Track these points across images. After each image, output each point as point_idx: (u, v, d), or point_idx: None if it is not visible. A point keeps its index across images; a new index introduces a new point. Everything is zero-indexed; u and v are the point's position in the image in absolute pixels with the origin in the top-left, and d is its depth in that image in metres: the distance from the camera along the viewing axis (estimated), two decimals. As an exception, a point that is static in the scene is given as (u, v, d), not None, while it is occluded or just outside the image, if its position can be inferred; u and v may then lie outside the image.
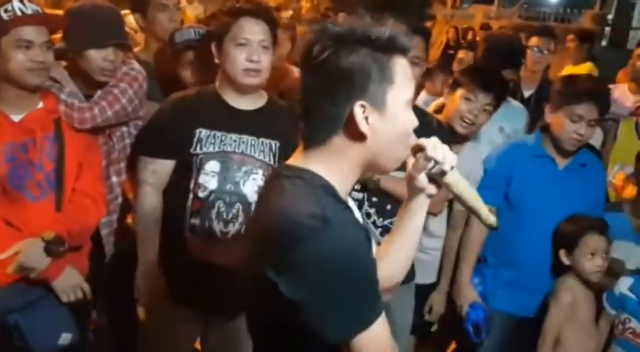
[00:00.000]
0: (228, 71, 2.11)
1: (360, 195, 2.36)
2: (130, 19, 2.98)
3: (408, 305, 2.48)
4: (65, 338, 2.01)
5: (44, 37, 1.94)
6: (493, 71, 2.71)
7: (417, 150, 1.30)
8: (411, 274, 2.46)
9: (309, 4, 9.14)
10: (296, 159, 1.25)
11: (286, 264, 1.11)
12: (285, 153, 2.19)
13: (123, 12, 2.56)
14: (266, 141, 2.16)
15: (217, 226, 2.11)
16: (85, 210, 2.09)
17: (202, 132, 2.11)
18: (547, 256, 2.54)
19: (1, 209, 1.95)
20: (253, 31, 2.08)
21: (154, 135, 2.19)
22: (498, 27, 8.73)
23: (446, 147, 1.31)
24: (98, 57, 2.14)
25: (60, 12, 2.24)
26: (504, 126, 2.91)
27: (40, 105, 2.04)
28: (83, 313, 2.16)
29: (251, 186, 2.13)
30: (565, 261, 2.47)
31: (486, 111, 2.52)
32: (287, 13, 8.40)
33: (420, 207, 1.38)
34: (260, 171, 2.14)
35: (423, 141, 1.29)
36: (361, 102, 1.16)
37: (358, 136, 1.18)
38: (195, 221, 2.11)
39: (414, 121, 1.24)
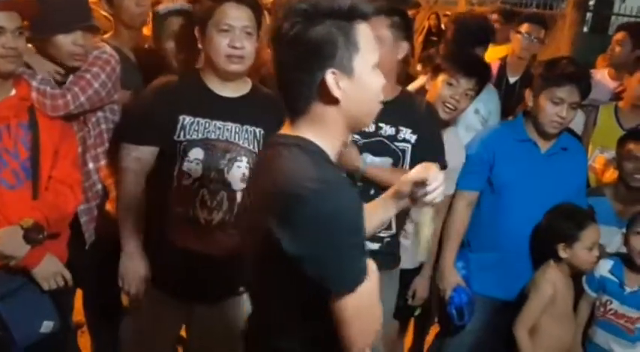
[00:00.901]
0: (211, 57, 2.08)
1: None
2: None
3: (392, 290, 2.48)
4: (47, 326, 2.00)
5: (16, 23, 1.90)
6: (475, 56, 2.70)
7: (421, 183, 1.47)
8: (396, 259, 2.48)
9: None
10: (286, 130, 1.34)
11: (291, 223, 1.20)
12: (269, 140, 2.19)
13: None
14: (250, 128, 2.15)
15: (201, 214, 2.09)
16: (62, 198, 2.06)
17: (186, 119, 2.08)
18: (528, 240, 2.55)
19: (-24, 197, 1.92)
20: (236, 16, 2.04)
21: (136, 122, 2.15)
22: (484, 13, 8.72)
23: (441, 187, 1.48)
24: (67, 42, 2.09)
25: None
26: (479, 108, 2.91)
27: (13, 92, 2.00)
28: (65, 300, 2.15)
29: (235, 173, 2.11)
30: (563, 254, 2.45)
31: (468, 96, 2.53)
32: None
33: (391, 212, 1.59)
34: (244, 159, 2.13)
35: (431, 177, 1.47)
36: (331, 69, 1.25)
37: (333, 101, 1.27)
38: (179, 208, 2.09)
39: (381, 80, 1.33)
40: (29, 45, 2.12)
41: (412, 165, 2.30)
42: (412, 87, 2.89)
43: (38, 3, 2.07)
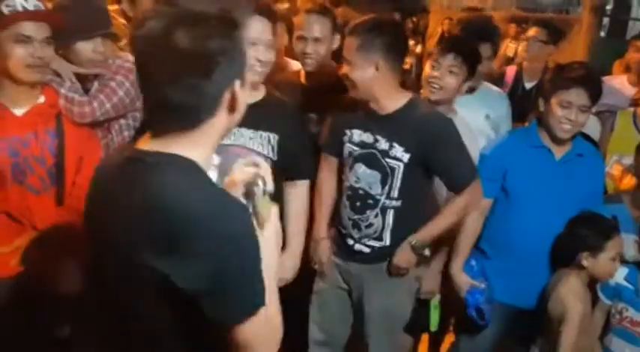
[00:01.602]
0: None
1: (344, 185, 2.46)
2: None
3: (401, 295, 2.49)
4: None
5: (44, 33, 1.94)
6: (457, 36, 2.70)
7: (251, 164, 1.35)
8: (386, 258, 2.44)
9: (306, -2, 9.12)
10: (155, 145, 1.20)
11: (182, 253, 1.09)
12: (283, 145, 2.21)
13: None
14: (265, 133, 2.18)
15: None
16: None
17: None
18: (544, 247, 2.54)
19: (3, 202, 1.97)
20: (261, 30, 2.09)
21: None
22: (496, 18, 8.69)
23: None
24: (87, 48, 2.15)
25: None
26: (489, 113, 2.91)
27: (42, 99, 2.05)
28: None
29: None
30: (585, 263, 2.42)
31: (453, 73, 2.52)
32: (283, 5, 8.36)
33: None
34: None
35: (257, 159, 1.36)
36: (238, 80, 1.20)
37: (231, 111, 1.21)
38: None
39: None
40: None
41: (404, 184, 2.31)
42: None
43: (60, 10, 2.14)
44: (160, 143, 1.19)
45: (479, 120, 2.86)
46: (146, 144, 1.21)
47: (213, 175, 2.07)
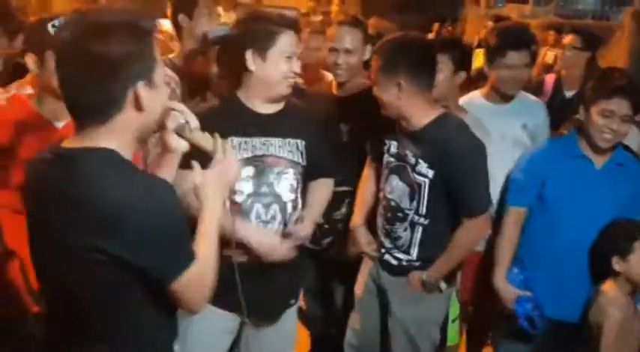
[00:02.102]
0: (269, 80, 2.16)
1: (381, 195, 2.49)
2: (163, 26, 3.06)
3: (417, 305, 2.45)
4: None
5: None
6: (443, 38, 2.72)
7: (169, 110, 1.51)
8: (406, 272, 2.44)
9: (338, 7, 9.18)
10: (79, 141, 1.37)
11: (123, 230, 1.28)
12: (310, 150, 2.26)
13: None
14: (292, 140, 2.23)
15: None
16: None
17: (234, 140, 2.14)
18: (584, 258, 2.50)
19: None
20: (295, 44, 2.16)
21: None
22: (534, 26, 8.59)
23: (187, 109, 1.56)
24: None
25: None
26: (527, 122, 2.88)
27: None
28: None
29: (284, 185, 2.20)
30: (617, 267, 2.41)
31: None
32: (317, 18, 8.44)
33: (168, 163, 1.63)
34: (291, 171, 2.21)
35: (171, 103, 1.52)
36: (141, 81, 1.33)
37: (139, 109, 1.35)
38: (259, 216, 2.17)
39: (167, 90, 1.47)
40: None
41: (430, 202, 2.31)
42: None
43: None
44: (80, 139, 1.36)
45: (515, 129, 2.84)
46: (69, 142, 1.39)
47: (248, 185, 2.13)
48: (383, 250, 2.48)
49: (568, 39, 3.57)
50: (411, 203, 2.35)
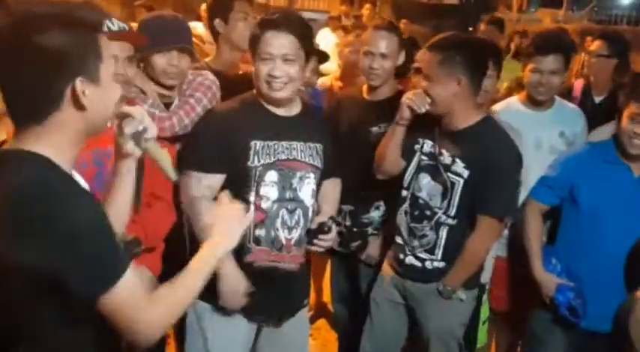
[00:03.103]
0: (257, 84, 2.16)
1: (405, 193, 2.49)
2: (197, 30, 3.09)
3: (448, 314, 2.46)
4: None
5: (128, 52, 2.05)
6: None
7: (124, 116, 1.46)
8: (434, 278, 2.43)
9: (370, 11, 9.19)
10: (16, 142, 1.29)
11: (27, 235, 1.19)
12: (326, 153, 2.26)
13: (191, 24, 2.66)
14: (312, 144, 2.22)
15: (283, 234, 2.16)
16: (159, 213, 2.19)
17: (257, 144, 2.13)
18: (620, 268, 2.44)
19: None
20: (277, 44, 2.08)
21: (207, 150, 2.15)
22: (571, 31, 8.49)
23: (148, 118, 1.48)
24: (162, 61, 2.24)
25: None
26: (564, 130, 2.84)
27: None
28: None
29: (306, 190, 2.20)
30: None
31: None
32: (349, 21, 8.46)
33: (128, 170, 1.54)
34: (312, 175, 2.21)
35: (130, 109, 1.46)
36: (80, 78, 1.26)
37: (79, 108, 1.28)
38: (260, 232, 2.14)
39: (119, 90, 1.37)
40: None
41: (461, 202, 2.32)
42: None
43: (141, 27, 2.27)
44: (16, 140, 1.29)
45: (553, 137, 2.82)
46: (10, 143, 1.32)
47: (273, 191, 2.16)
48: (403, 255, 2.47)
49: (595, 45, 3.52)
50: (442, 202, 2.35)
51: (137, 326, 1.29)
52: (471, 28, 9.37)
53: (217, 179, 2.15)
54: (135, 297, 1.27)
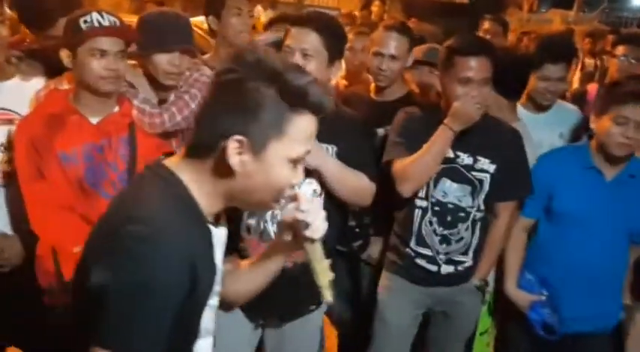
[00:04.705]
0: None
1: (424, 203, 2.40)
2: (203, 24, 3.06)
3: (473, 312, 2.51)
4: None
5: (118, 47, 2.04)
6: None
7: (293, 199, 1.29)
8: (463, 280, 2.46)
9: (379, 8, 9.13)
10: (172, 162, 1.24)
11: (102, 252, 1.12)
12: (344, 157, 2.18)
13: (195, 19, 2.63)
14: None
15: (272, 228, 2.14)
16: None
17: None
18: (592, 274, 2.43)
19: (79, 206, 2.07)
20: (297, 39, 2.09)
21: None
22: (578, 33, 8.41)
23: (321, 216, 1.29)
24: (164, 61, 2.23)
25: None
26: (563, 131, 2.84)
27: (116, 109, 2.15)
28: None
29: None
30: None
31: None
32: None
33: (279, 255, 1.43)
34: (314, 176, 2.16)
35: (300, 196, 1.28)
36: (239, 137, 1.14)
37: (227, 168, 1.16)
38: (252, 221, 2.15)
39: (292, 179, 1.22)
40: (134, 62, 2.27)
41: (490, 195, 2.34)
42: None
43: (143, 23, 2.25)
44: (177, 162, 1.25)
45: (553, 138, 2.80)
46: (173, 158, 1.28)
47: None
48: (435, 267, 2.43)
49: (621, 50, 3.45)
50: (473, 201, 2.36)
51: None
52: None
53: None
54: None
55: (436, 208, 2.39)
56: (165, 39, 2.22)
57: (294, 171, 1.22)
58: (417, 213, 2.42)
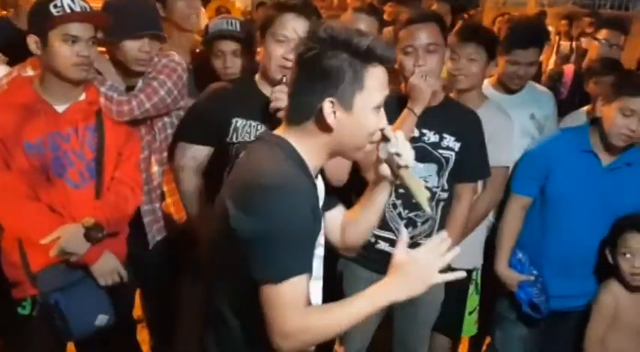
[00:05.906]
0: (265, 65, 2.14)
1: None
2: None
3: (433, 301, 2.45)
4: (101, 319, 2.08)
5: (90, 33, 1.99)
6: (473, 26, 2.78)
7: (383, 138, 1.50)
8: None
9: (355, -8, 9.08)
10: (279, 131, 1.49)
11: (244, 203, 1.36)
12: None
13: None
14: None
15: None
16: (123, 198, 2.15)
17: (238, 122, 2.14)
18: (580, 257, 2.47)
19: (45, 195, 2.03)
20: (293, 27, 2.07)
21: (193, 123, 2.26)
22: (553, 15, 8.46)
23: (408, 146, 1.51)
24: (133, 47, 2.18)
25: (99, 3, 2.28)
26: (534, 112, 2.83)
27: (83, 97, 2.10)
28: (124, 296, 2.22)
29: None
30: (610, 260, 2.40)
31: (473, 61, 2.53)
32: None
33: (382, 189, 1.61)
34: None
35: (389, 133, 1.49)
36: (331, 98, 1.38)
37: (326, 126, 1.41)
38: None
39: (378, 123, 1.46)
40: (102, 49, 2.22)
41: (453, 173, 2.32)
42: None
43: (110, 9, 2.19)
44: (283, 131, 1.50)
45: (523, 119, 2.80)
46: (278, 129, 1.52)
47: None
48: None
49: (603, 34, 3.45)
50: (439, 181, 2.33)
51: (277, 330, 1.34)
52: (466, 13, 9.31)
53: (201, 150, 2.22)
54: (291, 304, 1.33)
55: (400, 190, 2.31)
56: (134, 25, 2.17)
57: (379, 116, 1.45)
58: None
